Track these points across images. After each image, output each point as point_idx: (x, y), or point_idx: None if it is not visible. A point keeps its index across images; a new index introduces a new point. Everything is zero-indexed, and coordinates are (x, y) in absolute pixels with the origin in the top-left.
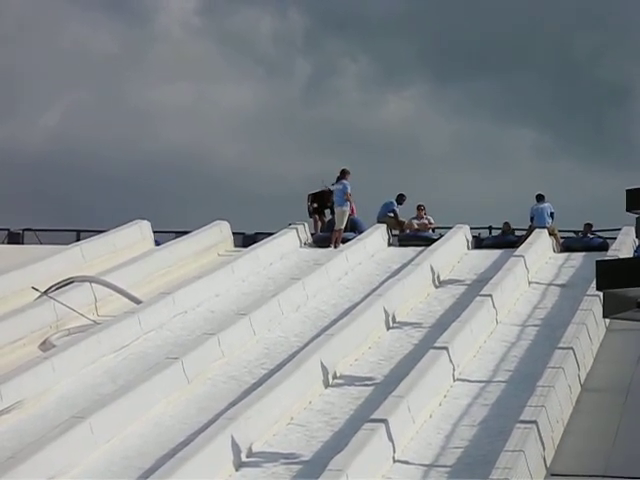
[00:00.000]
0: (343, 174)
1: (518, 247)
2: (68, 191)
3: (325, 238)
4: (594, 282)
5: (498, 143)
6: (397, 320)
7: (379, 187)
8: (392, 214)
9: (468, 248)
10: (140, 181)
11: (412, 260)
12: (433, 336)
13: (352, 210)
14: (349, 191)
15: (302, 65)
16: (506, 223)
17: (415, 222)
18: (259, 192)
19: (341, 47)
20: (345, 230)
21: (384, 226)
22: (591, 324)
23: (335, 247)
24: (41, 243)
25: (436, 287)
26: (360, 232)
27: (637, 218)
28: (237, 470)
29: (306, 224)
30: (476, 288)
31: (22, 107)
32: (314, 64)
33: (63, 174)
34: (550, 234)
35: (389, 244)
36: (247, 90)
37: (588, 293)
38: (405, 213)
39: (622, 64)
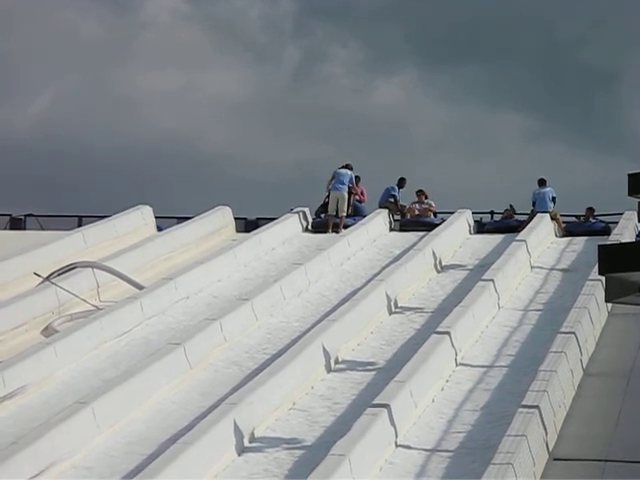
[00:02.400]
0: (347, 166)
1: (520, 232)
2: (56, 176)
3: (325, 223)
4: (596, 266)
5: (487, 128)
6: (399, 305)
7: (370, 172)
8: (392, 199)
9: (470, 233)
10: (130, 167)
11: (414, 245)
12: (435, 321)
13: (362, 194)
14: (354, 181)
15: (292, 51)
16: (511, 206)
17: (416, 207)
18: (250, 177)
19: (331, 33)
20: (346, 216)
21: (386, 211)
22: (593, 308)
23: (337, 232)
24: (43, 229)
25: (438, 272)
26: (362, 217)
27: (639, 202)
28: (239, 455)
29: (307, 209)
30: (478, 273)
31: (11, 94)
32: (304, 50)
33: (51, 160)
34: (552, 219)
35: (391, 229)
36: (237, 76)
37: (590, 277)
38: (406, 197)
39: (608, 49)
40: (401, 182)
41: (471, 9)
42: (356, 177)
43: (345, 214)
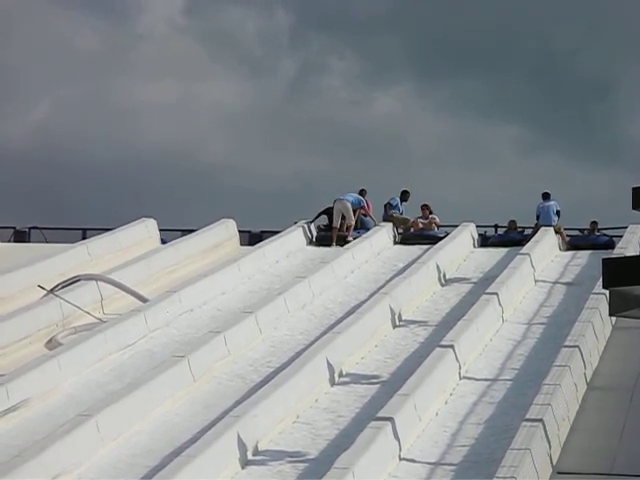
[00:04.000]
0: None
1: (524, 245)
2: (54, 185)
3: (329, 236)
4: (600, 280)
5: (485, 140)
6: (403, 318)
7: (368, 184)
8: (396, 212)
9: (474, 246)
10: (128, 177)
11: (418, 258)
12: (439, 334)
13: (368, 206)
14: (364, 205)
15: (289, 63)
16: (512, 221)
17: (420, 221)
18: (249, 188)
19: (327, 45)
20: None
21: (390, 224)
22: (597, 322)
23: (347, 241)
24: (47, 241)
25: (442, 285)
26: (367, 230)
27: None
28: (243, 468)
29: (312, 223)
30: (482, 286)
31: (9, 104)
32: (301, 62)
33: (49, 170)
34: (556, 232)
35: (395, 242)
36: (234, 88)
37: (594, 291)
38: (411, 211)
39: (604, 57)
40: (404, 195)
41: (467, 21)
42: (362, 190)
43: (353, 222)
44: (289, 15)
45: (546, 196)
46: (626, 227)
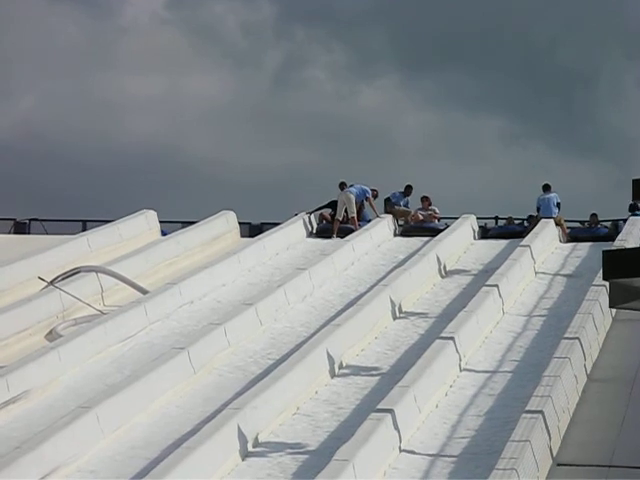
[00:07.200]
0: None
1: (524, 237)
2: (40, 179)
3: (329, 229)
4: (600, 272)
5: (471, 132)
6: (403, 310)
7: (354, 177)
8: (400, 206)
9: (474, 238)
10: (114, 171)
11: (418, 250)
12: (439, 326)
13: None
14: (369, 195)
15: (273, 55)
16: (510, 218)
17: (420, 213)
18: (234, 180)
19: (312, 37)
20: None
21: (390, 216)
22: (597, 314)
23: (354, 229)
24: (47, 233)
25: (442, 277)
26: (367, 222)
27: None
28: (243, 460)
29: (312, 214)
30: (482, 278)
31: None
32: (285, 54)
33: (33, 163)
34: (556, 224)
35: (395, 234)
36: (218, 81)
37: (594, 283)
38: (412, 205)
39: (584, 49)
40: (407, 190)
41: (451, 14)
42: (373, 190)
43: (355, 215)
44: (273, 7)
45: (546, 188)
46: (626, 219)
